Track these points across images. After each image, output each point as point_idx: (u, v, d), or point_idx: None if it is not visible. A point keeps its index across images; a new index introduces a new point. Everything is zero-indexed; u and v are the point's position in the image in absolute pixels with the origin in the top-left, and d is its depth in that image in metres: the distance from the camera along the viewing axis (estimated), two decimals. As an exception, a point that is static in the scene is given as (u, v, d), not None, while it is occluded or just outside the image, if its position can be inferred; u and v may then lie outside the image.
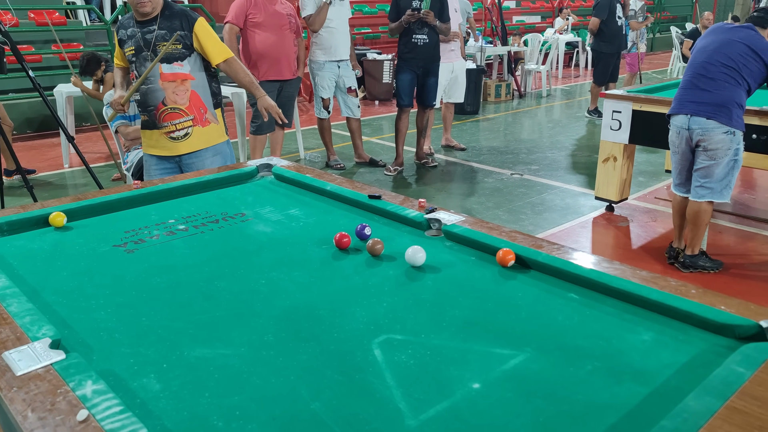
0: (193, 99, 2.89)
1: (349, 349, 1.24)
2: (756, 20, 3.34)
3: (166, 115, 2.87)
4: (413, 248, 1.59)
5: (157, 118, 2.88)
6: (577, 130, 7.20)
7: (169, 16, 2.82)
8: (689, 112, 3.27)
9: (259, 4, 4.81)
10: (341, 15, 5.27)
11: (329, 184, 2.18)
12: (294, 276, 1.57)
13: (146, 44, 2.81)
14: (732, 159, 3.24)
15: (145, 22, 2.81)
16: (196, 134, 2.92)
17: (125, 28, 2.86)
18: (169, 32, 2.78)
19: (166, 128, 2.89)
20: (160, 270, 1.60)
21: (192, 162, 2.95)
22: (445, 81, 5.81)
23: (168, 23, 2.80)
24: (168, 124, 2.88)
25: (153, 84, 2.84)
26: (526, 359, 1.21)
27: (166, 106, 2.86)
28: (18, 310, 1.32)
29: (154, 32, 2.79)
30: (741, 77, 3.18)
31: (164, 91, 2.84)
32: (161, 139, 2.92)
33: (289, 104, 5.19)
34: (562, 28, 12.19)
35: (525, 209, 4.49)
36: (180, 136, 2.90)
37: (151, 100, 2.86)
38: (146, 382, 1.13)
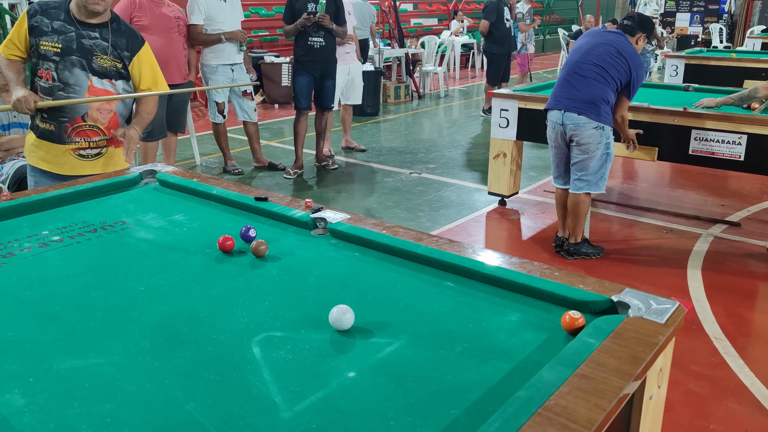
0: (113, 122, 2.68)
1: (227, 350, 1.25)
2: (624, 28, 3.60)
3: (82, 131, 2.62)
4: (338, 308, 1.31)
5: (66, 132, 2.59)
6: (473, 129, 7.47)
7: (117, 30, 2.62)
8: (563, 108, 3.49)
9: (144, 6, 4.66)
10: (233, 18, 5.19)
11: (215, 188, 2.16)
12: (174, 281, 1.55)
13: (81, 49, 2.53)
14: (604, 153, 3.49)
15: (86, 24, 2.54)
16: (108, 156, 2.72)
17: (51, 19, 2.52)
18: (114, 48, 2.59)
19: (75, 144, 2.62)
20: (30, 283, 1.53)
21: None
22: (342, 83, 5.87)
23: (114, 38, 2.59)
24: (80, 140, 2.63)
25: (77, 95, 2.57)
26: (400, 346, 1.26)
27: (84, 122, 2.61)
28: None
29: (96, 41, 2.56)
30: (610, 77, 3.44)
31: (88, 106, 2.59)
32: (65, 156, 2.63)
33: (181, 109, 5.07)
34: (458, 30, 12.59)
35: (423, 207, 4.62)
36: (91, 155, 2.67)
37: (68, 111, 2.58)
38: (9, 398, 1.09)
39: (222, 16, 5.09)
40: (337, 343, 1.27)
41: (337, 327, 1.30)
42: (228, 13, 5.13)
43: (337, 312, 1.29)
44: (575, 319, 1.29)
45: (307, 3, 5.14)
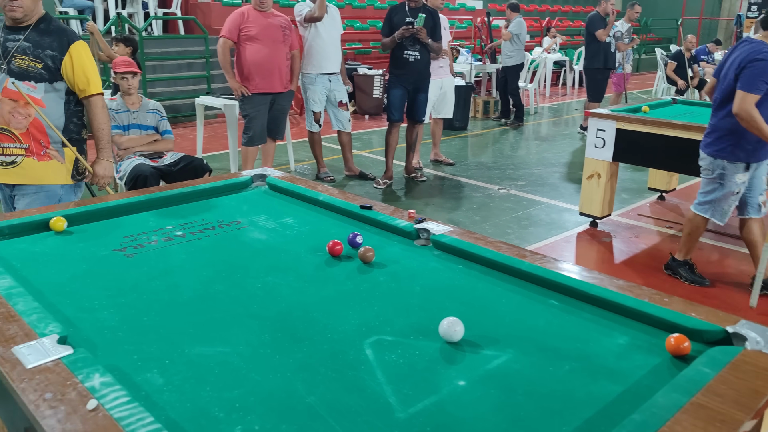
0: (34, 128, 2.52)
1: (341, 349, 1.31)
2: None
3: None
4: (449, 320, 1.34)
5: None
6: (563, 147, 7.34)
7: (44, 30, 2.51)
8: None
9: (252, 17, 4.90)
10: (332, 30, 5.37)
11: (322, 195, 2.26)
12: (288, 281, 1.64)
13: (5, 52, 2.47)
14: (717, 182, 3.34)
15: (13, 28, 2.50)
16: (25, 166, 2.54)
17: None
18: (35, 47, 2.49)
19: None
20: (159, 273, 1.67)
21: (17, 197, 2.60)
22: (434, 97, 5.93)
23: (38, 38, 2.49)
24: None
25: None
26: (508, 359, 1.28)
27: None
28: (24, 308, 1.38)
29: (18, 42, 2.47)
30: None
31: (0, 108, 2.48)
32: None
33: (281, 117, 5.27)
34: (550, 47, 12.41)
35: (511, 224, 4.59)
36: (5, 162, 2.52)
37: None
38: (150, 377, 1.19)
39: (322, 27, 5.28)
40: (446, 352, 1.31)
41: (447, 338, 1.33)
42: (328, 24, 5.31)
43: (448, 324, 1.33)
44: (681, 341, 1.27)
45: (405, 17, 5.25)
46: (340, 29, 5.51)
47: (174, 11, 10.05)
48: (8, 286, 1.48)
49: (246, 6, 4.96)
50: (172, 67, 8.88)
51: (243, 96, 4.97)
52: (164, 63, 8.80)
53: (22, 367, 1.16)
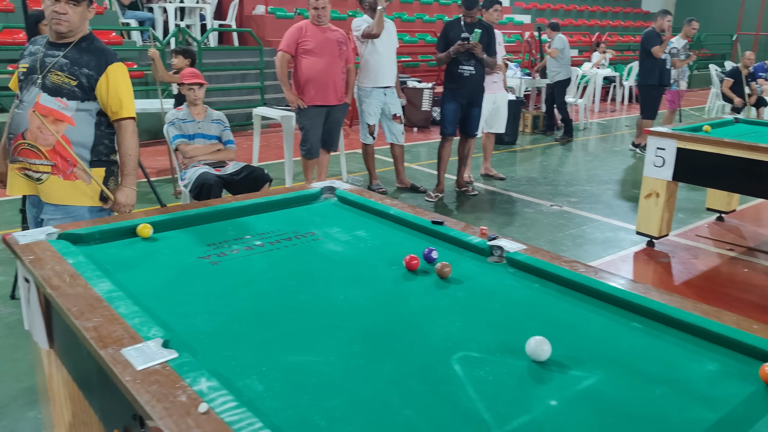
0: (61, 146, 2.46)
1: (429, 363, 1.34)
2: None
3: (22, 150, 2.48)
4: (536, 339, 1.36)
5: (12, 150, 2.51)
6: (615, 164, 7.24)
7: (84, 49, 2.49)
8: None
9: (310, 32, 5.00)
10: (388, 43, 5.44)
11: (392, 208, 2.30)
12: (369, 293, 1.68)
13: (42, 67, 2.46)
14: None
15: (55, 45, 2.48)
16: (50, 184, 2.49)
17: (33, 44, 2.55)
18: (72, 64, 2.45)
19: (19, 164, 2.50)
20: (245, 282, 1.72)
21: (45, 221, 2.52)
22: (487, 111, 5.93)
23: (77, 55, 2.47)
24: (22, 160, 2.49)
25: (24, 111, 2.47)
26: (598, 381, 1.29)
27: (24, 140, 2.46)
28: (126, 311, 1.45)
29: (57, 58, 2.46)
30: None
31: (29, 123, 2.45)
32: (11, 174, 2.54)
33: (335, 129, 5.36)
34: (599, 62, 12.27)
35: (565, 241, 4.55)
36: (35, 178, 2.50)
37: (13, 127, 2.49)
38: (249, 383, 1.24)
39: (378, 41, 5.35)
40: (534, 371, 1.33)
41: (534, 357, 1.35)
42: (384, 37, 5.38)
43: (535, 343, 1.35)
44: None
45: (460, 32, 5.28)
46: (396, 43, 5.59)
47: (229, 23, 10.31)
48: (108, 289, 1.56)
49: (304, 21, 5.08)
50: (227, 77, 9.10)
51: (299, 108, 5.07)
52: (219, 74, 9.02)
53: (133, 369, 1.22)
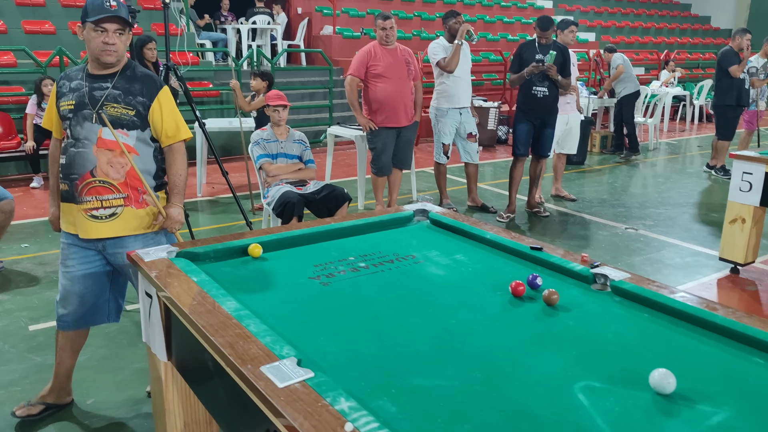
0: (130, 176, 2.40)
1: (553, 392, 1.36)
2: None
3: (92, 188, 2.37)
4: (661, 372, 1.37)
5: (77, 191, 2.36)
6: (689, 186, 7.05)
7: (131, 77, 2.41)
8: None
9: (378, 54, 5.09)
10: (464, 63, 5.50)
11: (488, 233, 2.33)
12: (479, 318, 1.71)
13: (92, 101, 2.35)
14: None
15: (98, 76, 2.38)
16: (126, 216, 2.41)
17: (70, 80, 2.41)
18: (125, 94, 2.38)
19: (87, 204, 2.37)
20: (358, 303, 1.79)
21: (117, 252, 2.43)
22: (559, 132, 5.90)
23: (127, 84, 2.39)
24: (92, 198, 2.37)
25: (85, 149, 2.35)
26: (728, 417, 1.28)
27: (94, 177, 2.36)
28: (257, 330, 1.53)
29: (107, 90, 2.36)
30: None
31: (96, 160, 2.35)
32: (78, 216, 2.39)
33: (407, 148, 5.42)
34: (668, 80, 11.98)
35: (644, 265, 4.46)
36: (104, 216, 2.38)
37: (76, 168, 2.36)
38: (382, 404, 1.29)
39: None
40: (660, 403, 1.33)
41: (659, 389, 1.35)
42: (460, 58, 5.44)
43: (660, 375, 1.35)
44: None
45: (535, 54, 5.29)
46: (469, 62, 5.63)
47: (297, 43, 10.62)
48: (235, 307, 1.65)
49: (372, 43, 5.17)
50: (296, 96, 9.34)
51: (371, 130, 5.17)
52: (289, 92, 9.27)
53: (275, 386, 1.29)
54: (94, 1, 2.28)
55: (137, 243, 2.44)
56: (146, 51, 5.11)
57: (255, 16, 10.04)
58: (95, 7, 2.27)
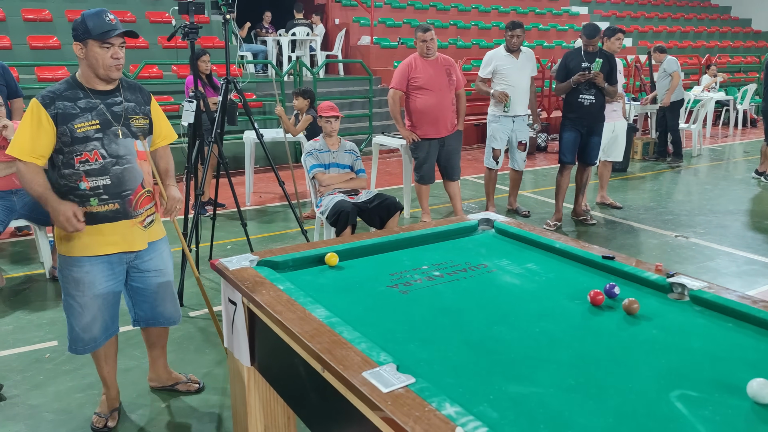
0: (155, 183, 2.58)
1: (650, 400, 1.38)
2: None
3: (144, 198, 2.47)
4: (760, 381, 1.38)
5: (132, 205, 2.42)
6: (738, 193, 6.93)
7: (128, 88, 2.47)
8: None
9: (419, 67, 5.11)
10: (520, 73, 5.51)
11: (557, 242, 2.36)
12: (563, 327, 1.74)
13: (115, 117, 2.37)
14: None
15: (104, 92, 2.37)
16: (158, 221, 2.60)
17: (72, 100, 2.31)
18: (137, 105, 2.45)
19: (141, 216, 2.46)
20: (440, 312, 1.83)
21: (150, 258, 2.54)
22: (605, 140, 5.86)
23: (132, 95, 2.46)
24: (143, 210, 2.47)
25: (131, 164, 2.40)
26: (831, 426, 1.29)
27: (144, 188, 2.46)
28: (351, 337, 1.58)
29: (122, 104, 2.40)
30: None
31: (142, 172, 2.45)
32: (133, 231, 2.45)
33: (453, 157, 5.43)
34: (710, 85, 11.79)
35: (699, 274, 4.40)
36: (148, 223, 2.52)
37: (128, 183, 2.39)
38: (483, 410, 1.33)
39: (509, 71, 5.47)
40: (760, 413, 1.34)
41: (758, 399, 1.36)
42: (515, 68, 5.48)
43: (758, 385, 1.36)
44: None
45: (581, 62, 5.28)
46: (531, 72, 5.62)
47: (335, 54, 10.76)
48: (326, 315, 1.71)
49: (412, 55, 5.20)
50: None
51: (413, 141, 5.21)
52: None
53: (380, 391, 1.34)
54: (95, 19, 2.27)
55: (165, 245, 2.62)
56: (201, 64, 5.26)
57: (294, 27, 10.21)
58: (98, 25, 2.27)
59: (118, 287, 2.51)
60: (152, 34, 8.49)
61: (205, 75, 5.34)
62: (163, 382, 2.86)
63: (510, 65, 5.49)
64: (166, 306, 2.64)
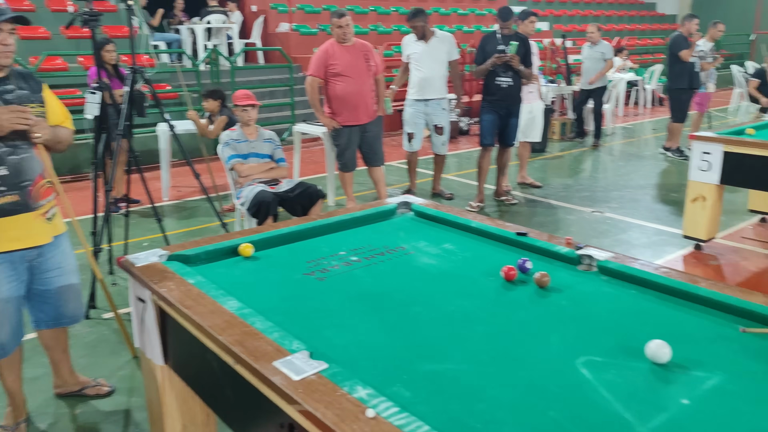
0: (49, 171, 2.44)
1: (558, 368, 1.42)
2: None
3: (45, 189, 2.36)
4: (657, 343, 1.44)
5: (32, 196, 2.29)
6: (648, 168, 7.28)
7: (19, 75, 2.35)
8: None
9: (337, 53, 5.05)
10: (432, 57, 5.54)
11: (473, 221, 2.39)
12: (479, 304, 1.77)
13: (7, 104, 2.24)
14: None
15: None
16: (58, 213, 2.47)
17: None
18: (31, 92, 2.35)
19: (43, 207, 2.35)
20: (357, 296, 1.82)
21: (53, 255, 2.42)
22: (523, 121, 6.01)
23: (24, 83, 2.34)
24: (45, 201, 2.36)
25: (28, 153, 2.29)
26: (722, 381, 1.36)
27: (45, 179, 2.36)
28: (263, 327, 1.54)
29: (15, 92, 2.28)
30: None
31: (42, 162, 2.35)
32: (35, 223, 2.33)
33: (375, 143, 5.42)
34: (621, 67, 12.30)
35: (613, 247, 4.60)
36: (50, 216, 2.39)
37: (27, 173, 2.28)
38: (397, 390, 1.33)
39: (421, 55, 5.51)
40: (658, 372, 1.40)
41: (655, 360, 1.42)
42: (427, 52, 5.52)
43: (656, 346, 1.43)
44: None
45: (497, 45, 5.38)
46: (446, 56, 5.63)
47: (254, 42, 10.51)
48: (238, 306, 1.66)
49: (329, 42, 5.12)
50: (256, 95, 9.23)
51: (334, 128, 5.17)
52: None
53: (291, 379, 1.31)
54: None
55: (66, 241, 2.51)
56: (105, 53, 5.00)
57: (209, 15, 9.90)
58: None
59: (21, 289, 2.37)
60: (53, 24, 7.99)
61: (110, 65, 5.09)
62: (70, 387, 2.72)
63: (419, 51, 5.55)
64: (69, 305, 2.53)
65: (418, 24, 5.51)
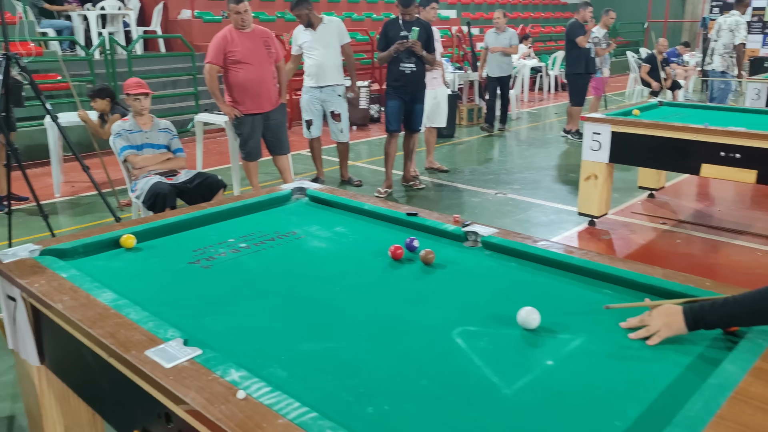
0: None
1: (435, 340, 1.46)
2: None
3: None
4: (526, 310, 1.51)
5: None
6: (550, 151, 7.59)
7: None
8: None
9: (236, 40, 4.92)
10: (323, 45, 5.53)
11: (366, 204, 2.41)
12: (364, 283, 1.78)
13: None
14: None
15: None
16: None
17: None
18: None
19: None
20: (241, 282, 1.79)
21: None
22: (428, 107, 6.11)
23: None
24: None
25: None
26: (584, 341, 1.45)
27: None
28: (138, 317, 1.49)
29: None
30: None
31: None
32: None
33: (279, 131, 5.33)
34: (526, 54, 12.73)
35: (514, 226, 4.77)
36: None
37: None
38: (273, 371, 1.32)
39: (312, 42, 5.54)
40: (528, 337, 1.47)
41: (525, 326, 1.49)
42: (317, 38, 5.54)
43: (525, 313, 1.49)
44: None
45: (400, 31, 5.43)
46: (338, 42, 5.63)
47: (154, 29, 10.09)
48: (113, 298, 1.59)
49: (227, 28, 4.98)
50: (157, 85, 8.90)
51: (236, 117, 5.05)
52: (149, 81, 8.82)
53: (162, 367, 1.28)
54: None
55: None
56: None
57: (102, 1, 9.41)
58: None
59: None
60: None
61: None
62: None
63: (308, 39, 5.58)
64: None
65: (303, 12, 5.51)
